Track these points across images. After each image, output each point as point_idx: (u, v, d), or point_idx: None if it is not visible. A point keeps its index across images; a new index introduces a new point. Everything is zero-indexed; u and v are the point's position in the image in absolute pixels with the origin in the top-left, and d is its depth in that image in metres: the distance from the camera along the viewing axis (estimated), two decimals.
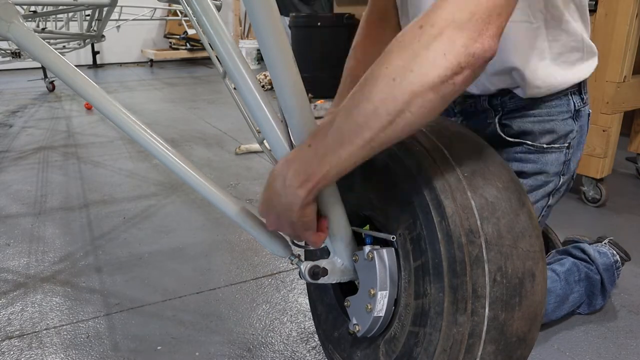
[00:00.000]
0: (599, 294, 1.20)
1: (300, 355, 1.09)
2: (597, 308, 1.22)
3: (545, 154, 0.94)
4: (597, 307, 1.22)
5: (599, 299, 1.21)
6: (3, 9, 0.78)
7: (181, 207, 1.89)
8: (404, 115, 0.56)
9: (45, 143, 2.74)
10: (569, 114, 0.94)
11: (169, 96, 4.11)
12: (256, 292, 1.33)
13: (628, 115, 1.96)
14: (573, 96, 0.94)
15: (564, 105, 0.93)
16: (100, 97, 0.80)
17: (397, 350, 0.73)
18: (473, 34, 0.54)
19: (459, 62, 0.54)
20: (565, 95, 0.93)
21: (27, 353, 1.10)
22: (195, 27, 0.80)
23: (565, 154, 0.95)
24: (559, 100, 0.93)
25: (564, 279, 1.15)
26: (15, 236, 1.65)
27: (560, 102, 0.93)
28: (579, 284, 1.17)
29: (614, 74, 1.70)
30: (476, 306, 0.64)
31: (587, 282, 1.19)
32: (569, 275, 1.16)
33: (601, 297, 1.21)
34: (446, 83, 0.54)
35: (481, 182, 0.68)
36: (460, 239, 0.65)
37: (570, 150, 0.95)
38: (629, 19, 1.64)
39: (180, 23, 5.28)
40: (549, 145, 0.93)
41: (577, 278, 1.17)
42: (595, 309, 1.22)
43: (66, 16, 3.30)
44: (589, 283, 1.19)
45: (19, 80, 4.79)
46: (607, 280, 1.20)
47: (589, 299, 1.20)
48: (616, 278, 1.24)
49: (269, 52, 0.61)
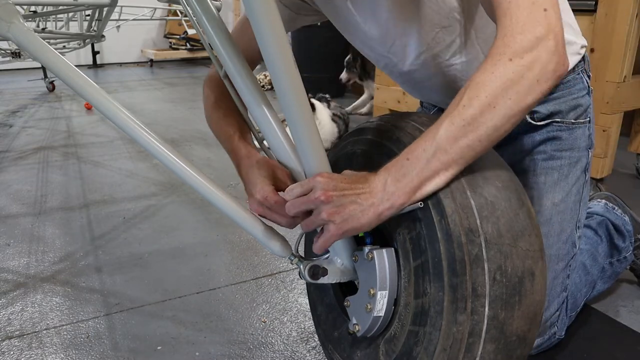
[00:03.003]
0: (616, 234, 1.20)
1: (300, 355, 1.09)
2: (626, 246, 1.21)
3: (574, 129, 0.98)
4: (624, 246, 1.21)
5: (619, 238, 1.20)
6: (3, 9, 0.78)
7: (181, 207, 1.89)
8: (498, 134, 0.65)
9: (45, 143, 2.74)
10: (586, 90, 0.99)
11: (169, 96, 4.11)
12: (256, 292, 1.33)
13: (628, 115, 1.96)
14: (583, 73, 0.99)
15: (580, 83, 0.98)
16: (100, 97, 0.80)
17: (397, 349, 0.74)
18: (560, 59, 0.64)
19: (549, 86, 0.64)
20: (578, 73, 0.98)
21: (27, 353, 1.10)
22: (195, 27, 0.80)
23: (588, 127, 1.00)
24: (574, 80, 0.98)
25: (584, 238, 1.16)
26: (15, 236, 1.65)
27: (576, 80, 0.98)
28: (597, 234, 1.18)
29: (614, 74, 1.70)
30: (476, 305, 0.64)
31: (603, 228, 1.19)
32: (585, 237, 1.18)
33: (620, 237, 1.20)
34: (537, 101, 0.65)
35: (481, 181, 0.68)
36: (460, 238, 0.65)
37: (591, 124, 1.01)
38: (629, 19, 1.64)
39: (180, 23, 5.28)
40: (576, 121, 0.98)
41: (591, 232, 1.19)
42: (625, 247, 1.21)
43: (66, 16, 3.30)
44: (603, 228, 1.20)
45: (19, 80, 4.79)
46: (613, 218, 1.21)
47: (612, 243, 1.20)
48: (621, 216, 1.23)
49: (269, 52, 0.61)
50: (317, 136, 0.70)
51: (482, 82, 0.64)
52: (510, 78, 0.63)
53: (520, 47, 0.63)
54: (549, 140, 0.98)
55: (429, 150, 0.65)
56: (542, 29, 0.64)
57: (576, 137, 0.99)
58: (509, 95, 0.63)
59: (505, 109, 0.63)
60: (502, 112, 0.63)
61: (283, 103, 0.66)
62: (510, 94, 0.63)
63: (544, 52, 0.63)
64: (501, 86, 0.63)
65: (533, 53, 0.63)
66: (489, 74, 0.64)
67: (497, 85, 0.63)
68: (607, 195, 1.30)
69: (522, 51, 0.63)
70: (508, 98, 0.63)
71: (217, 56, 0.75)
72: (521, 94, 0.63)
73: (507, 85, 0.63)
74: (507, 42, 0.64)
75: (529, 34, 0.63)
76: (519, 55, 0.63)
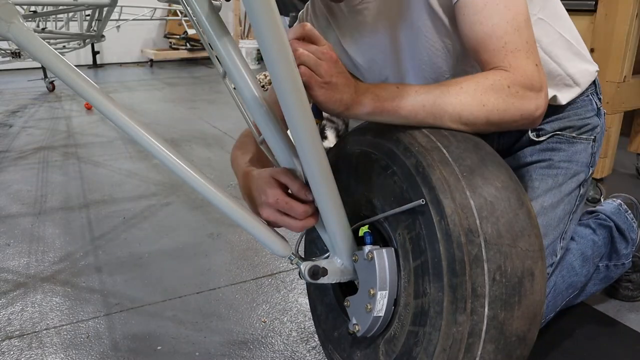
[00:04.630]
0: (619, 238, 1.17)
1: (300, 355, 1.09)
2: (626, 253, 1.18)
3: (575, 143, 1.01)
4: (625, 252, 1.18)
5: (621, 243, 1.18)
6: (3, 9, 0.78)
7: (181, 207, 1.89)
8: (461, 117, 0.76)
9: (45, 143, 2.74)
10: (594, 112, 1.02)
11: (169, 96, 4.11)
12: (256, 292, 1.33)
13: (628, 115, 1.96)
14: (593, 96, 1.02)
15: (589, 104, 1.02)
16: (100, 97, 0.80)
17: (397, 349, 0.74)
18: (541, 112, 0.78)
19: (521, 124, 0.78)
20: (587, 95, 1.01)
21: (27, 353, 1.10)
22: (195, 27, 0.80)
23: (592, 146, 1.02)
24: (583, 101, 1.01)
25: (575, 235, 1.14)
26: (15, 236, 1.65)
27: (585, 101, 1.01)
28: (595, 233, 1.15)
29: (614, 74, 1.70)
30: (475, 305, 0.64)
31: (603, 230, 1.17)
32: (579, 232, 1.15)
33: (623, 241, 1.18)
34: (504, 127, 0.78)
35: (480, 181, 0.68)
36: (460, 238, 0.65)
37: (596, 144, 1.03)
38: (629, 19, 1.64)
39: (180, 23, 5.29)
40: (578, 136, 1.01)
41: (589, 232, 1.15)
42: (625, 254, 1.18)
43: (66, 16, 3.30)
44: (605, 229, 1.17)
45: (19, 80, 4.79)
46: (620, 222, 1.18)
47: (612, 246, 1.17)
48: (631, 221, 1.21)
49: (269, 52, 0.61)
50: (317, 136, 0.70)
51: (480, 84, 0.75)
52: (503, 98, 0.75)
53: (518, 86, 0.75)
54: (549, 151, 1.00)
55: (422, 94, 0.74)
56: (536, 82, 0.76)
57: (576, 150, 1.01)
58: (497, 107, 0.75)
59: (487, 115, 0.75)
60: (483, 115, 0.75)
61: (283, 103, 0.66)
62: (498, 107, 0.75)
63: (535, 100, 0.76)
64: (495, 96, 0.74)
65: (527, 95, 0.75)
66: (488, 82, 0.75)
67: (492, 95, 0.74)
68: (626, 197, 1.27)
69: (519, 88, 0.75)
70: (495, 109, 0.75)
71: (217, 56, 0.75)
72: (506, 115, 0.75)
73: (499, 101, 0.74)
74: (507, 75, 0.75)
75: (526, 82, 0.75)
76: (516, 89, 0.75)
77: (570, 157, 1.00)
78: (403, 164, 0.72)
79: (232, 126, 3.06)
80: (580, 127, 1.01)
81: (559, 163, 0.99)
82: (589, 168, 1.02)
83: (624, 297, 1.29)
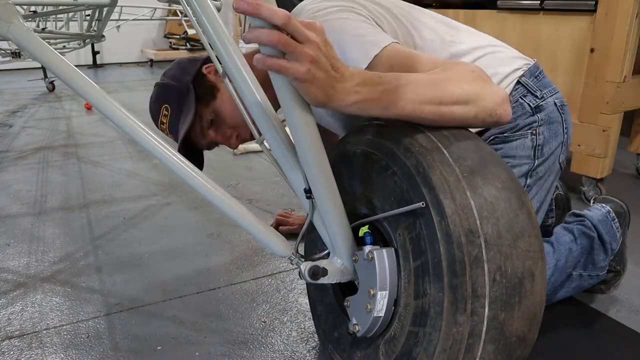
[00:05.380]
0: (599, 249, 1.16)
1: (300, 355, 1.09)
2: (603, 265, 1.17)
3: (509, 142, 1.06)
4: (601, 264, 1.17)
5: (600, 254, 1.16)
6: (3, 9, 0.78)
7: (181, 207, 1.89)
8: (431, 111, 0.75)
9: (45, 143, 2.74)
10: (529, 114, 1.06)
11: None
12: (256, 292, 1.33)
13: (628, 115, 1.96)
14: (524, 98, 1.07)
15: (519, 109, 1.06)
16: (100, 97, 0.80)
17: (397, 350, 0.74)
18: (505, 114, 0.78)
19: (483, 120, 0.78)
20: (516, 100, 1.06)
21: (27, 353, 1.10)
22: (195, 27, 0.80)
23: (531, 139, 1.06)
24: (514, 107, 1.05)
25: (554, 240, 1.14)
26: (15, 236, 1.65)
27: (515, 106, 1.06)
28: (575, 242, 1.15)
29: (614, 74, 1.70)
30: (476, 306, 0.64)
31: (585, 239, 1.16)
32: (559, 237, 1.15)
33: (602, 252, 1.16)
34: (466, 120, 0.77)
35: (480, 182, 0.68)
36: (460, 238, 0.65)
37: (539, 136, 1.06)
38: (629, 19, 1.64)
39: (180, 23, 5.28)
40: (512, 134, 1.06)
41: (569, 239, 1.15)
42: (601, 266, 1.17)
43: (66, 16, 3.30)
44: (586, 239, 1.16)
45: (19, 80, 4.79)
46: (604, 232, 1.16)
47: (590, 256, 1.16)
48: (616, 231, 1.19)
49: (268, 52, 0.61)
50: (317, 136, 0.70)
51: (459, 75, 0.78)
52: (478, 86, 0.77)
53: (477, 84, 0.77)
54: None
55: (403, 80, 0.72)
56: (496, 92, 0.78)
57: (512, 147, 1.06)
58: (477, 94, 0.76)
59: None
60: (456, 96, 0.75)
61: (283, 103, 0.66)
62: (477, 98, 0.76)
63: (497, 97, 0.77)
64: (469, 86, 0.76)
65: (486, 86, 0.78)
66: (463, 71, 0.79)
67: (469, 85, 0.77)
68: (616, 205, 1.25)
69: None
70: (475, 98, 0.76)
71: (217, 56, 0.75)
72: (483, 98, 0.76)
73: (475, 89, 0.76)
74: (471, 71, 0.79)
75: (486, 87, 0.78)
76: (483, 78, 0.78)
77: (506, 152, 1.06)
78: (403, 164, 0.72)
79: None
80: (511, 128, 1.06)
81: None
82: (533, 160, 1.06)
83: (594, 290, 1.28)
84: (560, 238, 1.15)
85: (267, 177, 2.18)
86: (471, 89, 0.75)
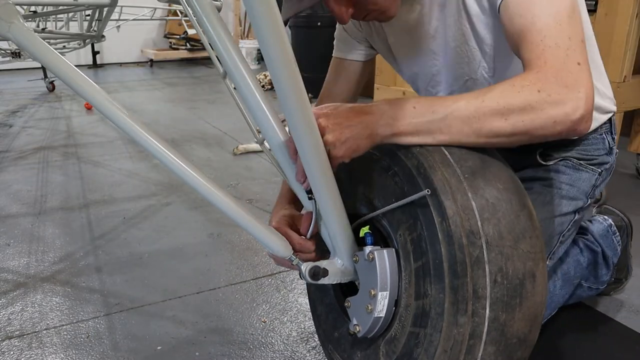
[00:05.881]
0: (602, 263, 1.17)
1: (300, 355, 1.09)
2: (605, 280, 1.18)
3: (580, 171, 1.00)
4: (603, 279, 1.18)
5: (603, 269, 1.17)
6: (3, 9, 0.78)
7: (181, 207, 1.89)
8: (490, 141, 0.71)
9: (45, 143, 2.74)
10: (605, 150, 1.01)
11: (169, 96, 4.11)
12: (256, 292, 1.33)
13: (628, 115, 1.96)
14: (607, 135, 1.01)
15: (600, 143, 1.00)
16: (100, 97, 0.79)
17: (398, 351, 0.73)
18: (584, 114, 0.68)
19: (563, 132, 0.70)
20: (600, 134, 1.00)
21: (27, 353, 1.10)
22: (195, 27, 0.80)
23: (596, 178, 1.00)
24: (595, 139, 0.99)
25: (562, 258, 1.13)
26: (15, 236, 1.65)
27: (597, 140, 0.99)
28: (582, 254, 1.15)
29: (614, 74, 1.70)
30: (477, 307, 0.64)
31: (589, 252, 1.16)
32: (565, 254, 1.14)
33: (605, 267, 1.17)
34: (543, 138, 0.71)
35: (482, 183, 0.68)
36: (461, 239, 0.65)
37: (601, 177, 1.01)
38: (629, 19, 1.64)
39: (180, 23, 5.28)
40: (585, 163, 1.00)
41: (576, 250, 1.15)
42: (603, 280, 1.18)
43: (66, 16, 3.30)
44: (591, 253, 1.16)
45: (19, 80, 4.79)
46: (606, 247, 1.17)
47: (594, 271, 1.17)
48: (617, 245, 1.20)
49: (269, 52, 0.61)
50: (317, 136, 0.70)
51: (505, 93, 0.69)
52: (531, 105, 0.67)
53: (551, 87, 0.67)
54: (553, 172, 0.99)
55: (439, 113, 0.70)
56: (573, 80, 0.68)
57: (580, 177, 0.99)
58: (522, 118, 0.68)
59: (512, 127, 0.68)
60: (508, 127, 0.68)
61: (283, 103, 0.66)
62: (524, 117, 0.68)
63: (571, 101, 0.67)
64: (520, 106, 0.67)
65: (561, 96, 0.67)
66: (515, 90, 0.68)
67: (517, 104, 0.67)
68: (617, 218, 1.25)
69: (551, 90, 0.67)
70: (521, 120, 0.68)
71: (217, 56, 0.75)
72: (534, 123, 0.68)
73: (525, 109, 0.67)
74: (539, 77, 0.68)
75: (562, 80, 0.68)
76: (548, 92, 0.67)
77: (573, 181, 0.99)
78: (404, 165, 0.72)
79: (232, 126, 3.06)
80: (589, 159, 0.99)
81: (560, 184, 0.98)
82: (587, 198, 1.01)
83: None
84: (569, 248, 1.15)
85: (267, 177, 2.18)
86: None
